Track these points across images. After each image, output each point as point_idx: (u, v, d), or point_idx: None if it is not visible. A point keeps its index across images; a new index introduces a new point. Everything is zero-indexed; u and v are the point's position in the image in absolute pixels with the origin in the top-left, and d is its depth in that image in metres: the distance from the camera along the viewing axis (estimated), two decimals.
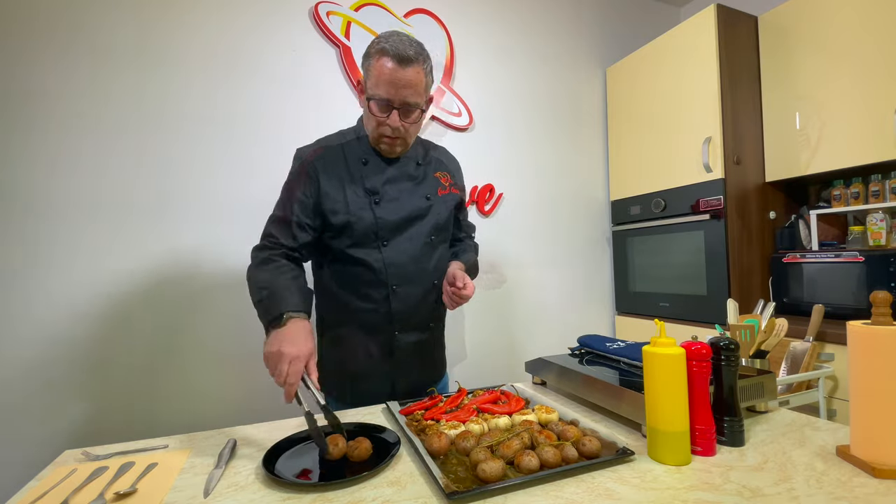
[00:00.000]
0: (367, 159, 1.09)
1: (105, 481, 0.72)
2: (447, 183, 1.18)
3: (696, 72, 1.98)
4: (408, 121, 1.03)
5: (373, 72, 0.99)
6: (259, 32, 1.77)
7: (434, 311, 1.16)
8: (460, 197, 1.21)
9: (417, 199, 1.11)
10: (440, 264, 1.15)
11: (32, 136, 1.48)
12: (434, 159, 1.20)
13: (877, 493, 0.60)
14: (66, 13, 1.52)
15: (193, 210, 1.67)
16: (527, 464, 0.68)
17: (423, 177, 1.14)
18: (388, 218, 1.07)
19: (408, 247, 1.09)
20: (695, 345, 0.74)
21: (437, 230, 1.14)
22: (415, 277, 1.10)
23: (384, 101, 0.99)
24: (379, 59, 0.98)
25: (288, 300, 0.91)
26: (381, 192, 1.08)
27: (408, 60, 0.97)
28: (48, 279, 1.49)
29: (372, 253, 1.07)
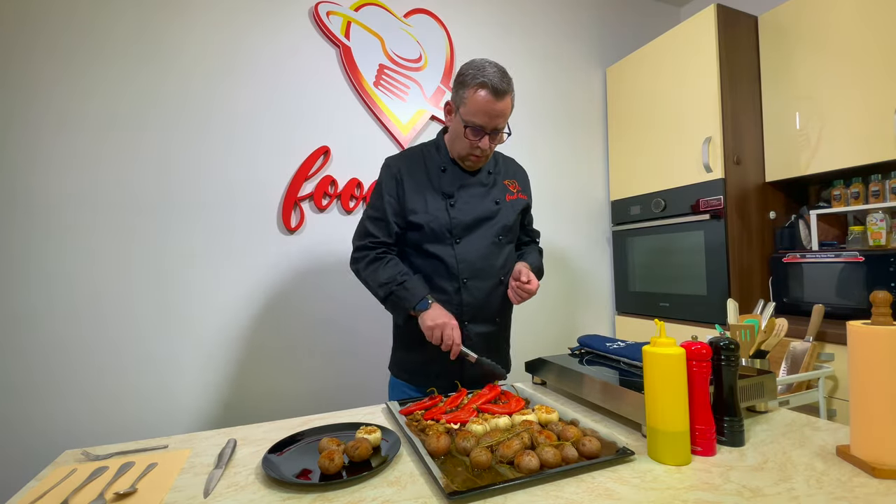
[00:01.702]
0: (445, 167, 1.22)
1: (105, 481, 0.72)
2: (515, 189, 1.29)
3: (696, 72, 1.98)
4: (494, 142, 1.15)
5: (469, 101, 1.10)
6: (259, 32, 1.77)
7: (501, 306, 1.25)
8: (527, 202, 1.32)
9: (488, 203, 1.22)
10: (507, 262, 1.25)
11: (32, 135, 1.48)
12: (503, 168, 1.31)
13: (877, 493, 0.60)
14: (66, 13, 1.52)
15: (194, 208, 1.67)
16: (527, 464, 0.68)
17: (494, 183, 1.26)
18: (461, 218, 1.19)
19: (478, 245, 1.20)
20: (695, 345, 0.74)
21: (504, 231, 1.23)
22: (483, 273, 1.20)
23: (479, 127, 1.11)
24: (477, 90, 1.08)
25: (417, 289, 1.12)
26: (455, 195, 1.20)
27: (503, 93, 1.08)
28: (47, 278, 1.49)
29: (446, 249, 1.18)
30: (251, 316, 1.74)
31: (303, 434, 0.87)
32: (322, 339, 1.83)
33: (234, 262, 1.71)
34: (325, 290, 1.84)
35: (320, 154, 1.84)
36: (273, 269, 1.78)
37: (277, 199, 1.79)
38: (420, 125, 2.03)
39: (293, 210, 1.79)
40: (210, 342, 1.68)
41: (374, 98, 1.94)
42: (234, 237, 1.72)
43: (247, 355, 1.72)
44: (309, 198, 1.82)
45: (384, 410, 1.03)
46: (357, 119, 1.93)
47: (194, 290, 1.66)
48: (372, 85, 1.94)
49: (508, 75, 1.12)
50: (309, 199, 1.82)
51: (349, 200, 1.88)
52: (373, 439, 0.79)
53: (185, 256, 1.65)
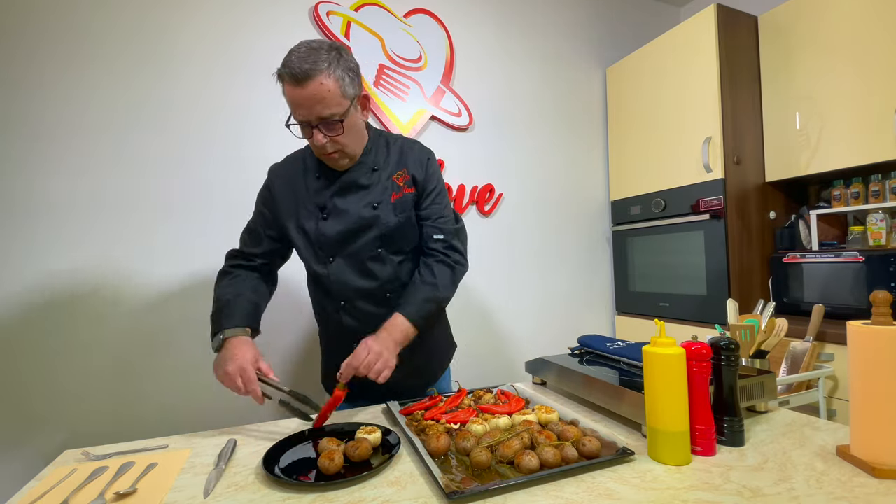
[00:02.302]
0: (320, 173, 1.07)
1: (105, 481, 0.72)
2: (402, 183, 1.08)
3: (696, 72, 1.98)
4: (332, 134, 0.96)
5: (285, 97, 0.95)
6: (259, 32, 1.77)
7: None
8: (414, 196, 1.09)
9: (362, 210, 1.04)
10: (395, 277, 1.08)
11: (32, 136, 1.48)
12: (394, 160, 1.09)
13: (877, 493, 0.60)
14: (66, 13, 1.52)
15: (195, 209, 1.67)
16: (527, 464, 0.68)
17: (376, 182, 1.06)
18: (328, 233, 1.04)
19: (353, 261, 1.06)
20: (695, 345, 0.74)
21: (384, 240, 1.05)
22: (363, 292, 1.06)
23: (303, 122, 0.95)
24: (283, 84, 0.94)
25: (225, 321, 0.98)
26: (328, 206, 1.05)
27: (305, 77, 0.90)
28: (47, 278, 1.48)
29: (322, 268, 1.08)
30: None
31: (303, 434, 0.87)
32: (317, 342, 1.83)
33: None
34: None
35: None
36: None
37: None
38: (420, 125, 2.03)
39: None
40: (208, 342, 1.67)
41: (373, 98, 1.94)
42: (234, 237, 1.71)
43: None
44: None
45: (384, 410, 1.03)
46: None
47: (194, 289, 1.66)
48: (372, 85, 1.94)
49: (320, 49, 0.92)
50: None
51: None
52: (373, 439, 0.79)
53: (185, 256, 1.65)
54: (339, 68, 0.93)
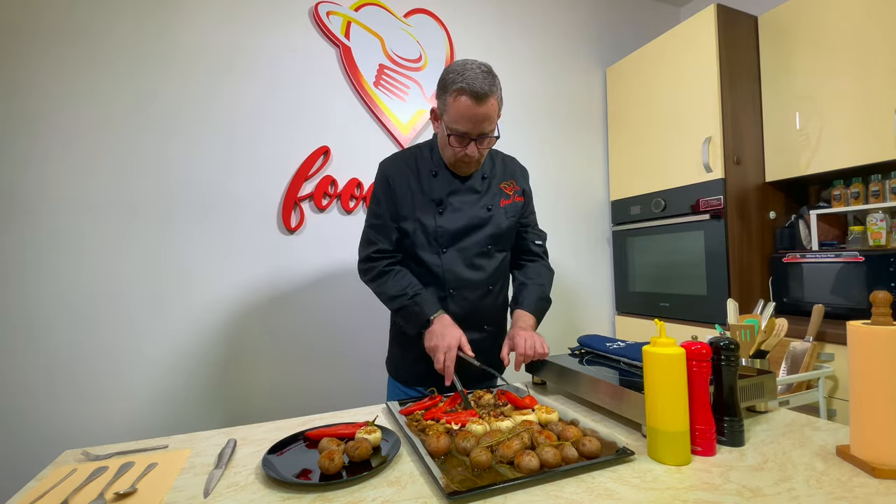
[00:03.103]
0: (436, 172, 1.18)
1: (105, 481, 0.72)
2: (511, 192, 1.24)
3: (696, 72, 1.98)
4: (483, 147, 1.09)
5: (451, 108, 1.04)
6: (259, 32, 1.77)
7: (489, 315, 1.21)
8: (524, 204, 1.27)
9: (478, 210, 1.18)
10: (497, 272, 1.22)
11: (31, 135, 1.48)
12: (500, 170, 1.25)
13: (877, 493, 0.60)
14: (66, 13, 1.52)
15: (193, 209, 1.67)
16: (527, 464, 0.68)
17: (488, 189, 1.21)
18: (447, 226, 1.15)
19: (465, 255, 1.17)
20: (695, 345, 0.74)
21: (495, 240, 1.19)
22: (470, 283, 1.17)
23: (463, 134, 1.06)
24: (457, 96, 1.02)
25: (427, 306, 1.10)
26: (445, 202, 1.16)
27: (484, 96, 1.01)
28: (47, 278, 1.49)
29: (433, 257, 1.16)
30: (251, 316, 1.74)
31: (303, 434, 0.87)
32: (322, 338, 1.83)
33: (234, 262, 1.71)
34: (325, 290, 1.84)
35: (320, 154, 1.84)
36: (273, 269, 1.78)
37: (277, 199, 1.79)
38: (420, 125, 2.03)
39: (293, 210, 1.79)
40: (210, 342, 1.68)
41: (374, 98, 1.94)
42: (234, 237, 1.72)
43: (247, 355, 1.72)
44: (309, 198, 1.82)
45: (384, 410, 1.03)
46: (357, 119, 1.93)
47: (194, 290, 1.66)
48: (372, 85, 1.94)
49: (493, 74, 1.05)
50: (309, 199, 1.83)
51: (349, 200, 1.88)
52: (373, 439, 0.79)
53: (185, 257, 1.65)
54: (500, 91, 1.07)
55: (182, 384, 1.63)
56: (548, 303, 1.25)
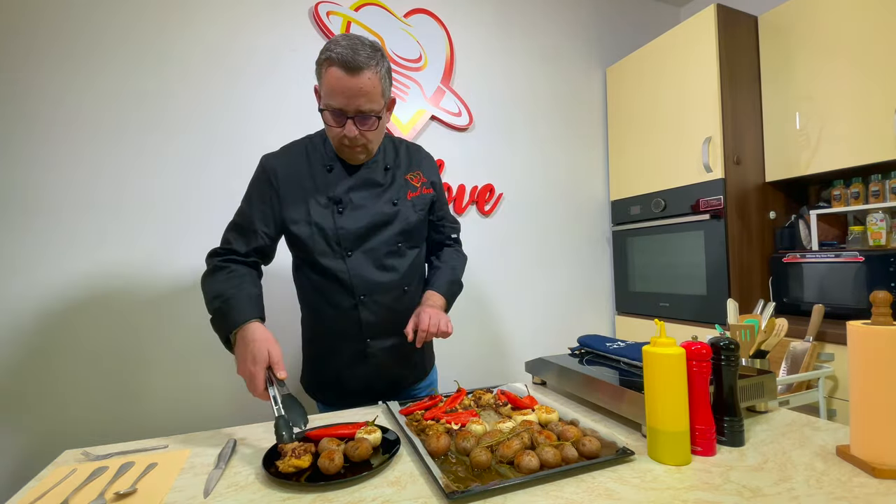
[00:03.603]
0: (331, 166, 1.06)
1: (105, 481, 0.72)
2: (419, 183, 1.14)
3: (696, 72, 1.98)
4: (364, 128, 0.98)
5: (324, 81, 0.95)
6: (258, 32, 1.77)
7: (407, 316, 1.10)
8: (433, 196, 1.17)
9: (383, 205, 1.07)
10: (412, 270, 1.13)
11: (31, 134, 1.48)
12: (405, 159, 1.15)
13: (877, 493, 0.60)
14: (66, 12, 1.52)
15: (193, 209, 1.66)
16: (527, 464, 0.68)
17: (392, 181, 1.11)
18: (349, 227, 1.04)
19: (373, 256, 1.07)
20: (695, 345, 0.74)
21: (405, 235, 1.10)
22: (382, 286, 1.08)
23: (337, 111, 0.96)
24: (328, 68, 0.93)
25: (234, 315, 0.92)
26: (344, 200, 1.05)
27: (358, 68, 0.91)
28: (47, 277, 1.48)
29: (337, 263, 1.06)
30: None
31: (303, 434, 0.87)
32: None
33: None
34: None
35: None
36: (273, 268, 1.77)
37: None
38: (420, 125, 2.03)
39: None
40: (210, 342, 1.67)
41: None
42: None
43: None
44: None
45: (384, 410, 1.03)
46: None
47: (194, 290, 1.66)
48: None
49: (376, 50, 0.95)
50: None
51: None
52: (373, 439, 0.79)
53: (185, 256, 1.65)
54: (383, 69, 0.97)
55: (182, 384, 1.63)
56: (459, 286, 1.20)
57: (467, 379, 2.06)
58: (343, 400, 1.13)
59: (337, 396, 1.15)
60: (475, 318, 2.16)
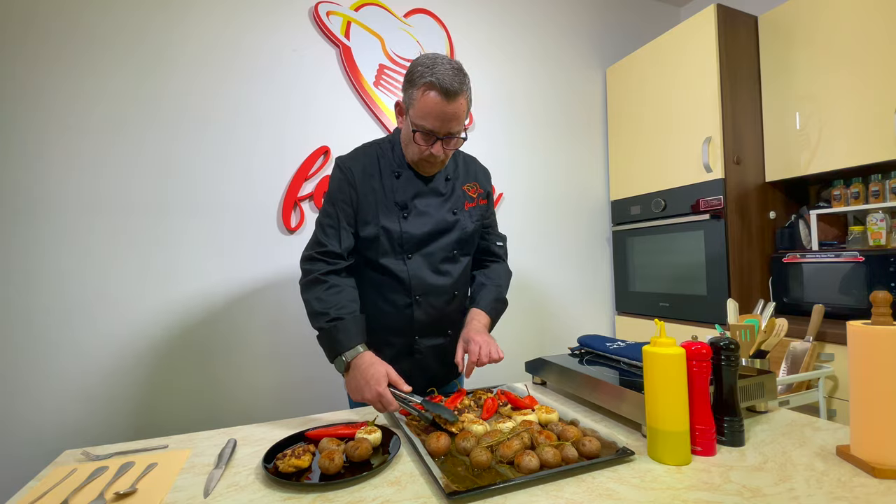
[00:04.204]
0: (399, 172, 1.11)
1: (105, 481, 0.72)
2: (475, 194, 1.20)
3: (696, 72, 1.98)
4: (449, 147, 1.04)
5: (418, 103, 0.98)
6: (259, 32, 1.77)
7: (453, 319, 1.18)
8: (487, 207, 1.24)
9: (444, 214, 1.13)
10: (461, 276, 1.19)
11: (31, 134, 1.48)
12: (463, 171, 1.21)
13: (877, 493, 0.60)
14: (66, 12, 1.52)
15: (194, 209, 1.66)
16: (527, 464, 0.68)
17: (452, 191, 1.16)
18: (413, 232, 1.10)
19: (431, 260, 1.13)
20: (695, 345, 0.74)
21: (461, 244, 1.16)
22: (437, 289, 1.14)
23: (429, 132, 1.00)
24: (425, 91, 0.96)
25: (345, 336, 0.97)
26: (410, 206, 1.10)
27: (455, 94, 0.96)
28: (47, 278, 1.48)
29: (398, 264, 1.11)
30: (252, 315, 1.74)
31: (303, 434, 0.87)
32: None
33: (233, 262, 1.71)
34: None
35: (320, 154, 1.84)
36: (273, 269, 1.77)
37: (277, 199, 1.79)
38: None
39: (293, 210, 1.79)
40: (210, 342, 1.68)
41: (374, 98, 1.94)
42: (234, 237, 1.72)
43: (247, 355, 1.72)
44: (309, 198, 1.82)
45: None
46: (357, 119, 1.93)
47: (194, 289, 1.66)
48: (372, 85, 1.94)
49: (464, 73, 1.00)
50: (309, 199, 1.82)
51: None
52: (373, 439, 0.80)
53: (185, 257, 1.65)
54: (470, 91, 1.02)
55: (182, 384, 1.63)
56: (504, 304, 1.23)
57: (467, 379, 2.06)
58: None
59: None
60: None
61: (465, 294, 1.22)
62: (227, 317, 1.70)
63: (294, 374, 1.79)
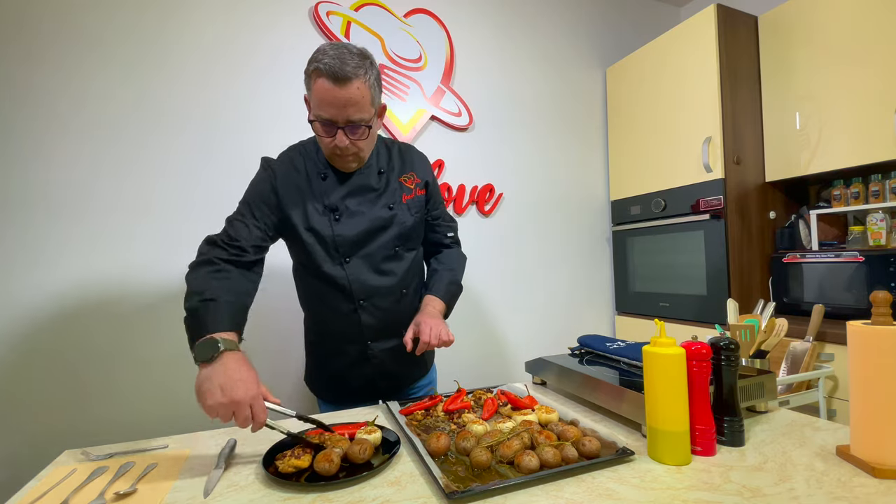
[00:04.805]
0: (325, 174, 1.07)
1: (105, 481, 0.72)
2: (412, 185, 1.14)
3: (696, 72, 1.98)
4: (355, 137, 0.98)
5: (313, 92, 0.95)
6: (259, 32, 1.77)
7: (407, 319, 1.10)
8: (426, 196, 1.17)
9: (379, 211, 1.08)
10: (409, 273, 1.15)
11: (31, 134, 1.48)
12: (398, 162, 1.15)
13: (877, 493, 0.60)
14: (66, 12, 1.52)
15: (193, 209, 1.66)
16: (527, 464, 0.68)
17: (386, 185, 1.11)
18: (346, 234, 1.05)
19: (371, 261, 1.08)
20: (695, 345, 0.74)
21: (402, 239, 1.11)
22: (381, 290, 1.10)
23: (327, 121, 0.96)
24: (316, 79, 0.93)
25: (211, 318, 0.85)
26: (340, 207, 1.06)
27: (346, 78, 0.91)
28: (47, 278, 1.48)
29: (336, 269, 1.07)
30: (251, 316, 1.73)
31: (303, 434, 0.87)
32: None
33: None
34: None
35: None
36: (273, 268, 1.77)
37: None
38: (420, 125, 2.03)
39: None
40: None
41: None
42: None
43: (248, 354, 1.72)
44: None
45: (384, 410, 1.03)
46: None
47: None
48: None
49: (365, 57, 0.95)
50: None
51: None
52: (373, 439, 0.79)
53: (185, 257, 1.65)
54: (372, 76, 0.96)
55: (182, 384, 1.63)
56: (458, 287, 1.19)
57: (467, 379, 2.06)
58: (346, 398, 1.16)
59: (339, 395, 1.18)
60: (475, 319, 2.16)
61: (415, 291, 1.18)
62: None
63: (292, 373, 1.79)
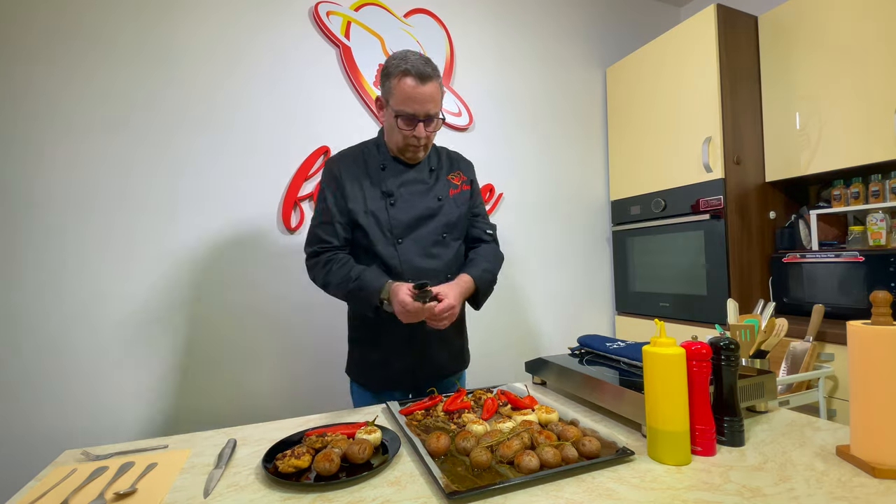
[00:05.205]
0: (385, 165, 1.21)
1: (105, 481, 0.72)
2: (459, 182, 1.27)
3: (696, 72, 1.98)
4: (430, 129, 1.14)
5: (396, 91, 1.09)
6: (259, 32, 1.77)
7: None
8: (471, 191, 1.30)
9: (429, 200, 1.21)
10: (454, 260, 1.24)
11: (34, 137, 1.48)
12: (447, 163, 1.30)
13: (877, 493, 0.60)
14: (66, 12, 1.52)
15: (193, 209, 1.66)
16: (527, 464, 0.68)
17: (436, 180, 1.25)
18: (400, 217, 1.17)
19: (421, 244, 1.19)
20: (695, 345, 0.74)
21: (449, 227, 1.22)
22: (428, 273, 1.17)
23: (410, 115, 1.10)
24: (402, 78, 1.08)
25: (372, 284, 1.08)
26: (396, 194, 1.19)
27: (427, 77, 1.08)
28: (48, 278, 1.48)
29: (388, 249, 1.17)
30: (251, 315, 1.74)
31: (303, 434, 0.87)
32: (324, 338, 1.83)
33: (234, 261, 1.71)
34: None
35: (320, 154, 1.84)
36: (273, 268, 1.77)
37: (277, 198, 1.79)
38: None
39: (293, 210, 1.79)
40: (210, 342, 1.67)
41: (374, 98, 1.94)
42: (235, 237, 1.72)
43: (247, 356, 1.72)
44: (309, 198, 1.82)
45: (384, 410, 1.03)
46: (357, 119, 1.93)
47: (195, 289, 1.66)
48: (372, 85, 1.94)
49: (433, 62, 1.12)
50: (309, 199, 1.82)
51: None
52: (373, 439, 0.79)
53: (185, 256, 1.65)
54: (440, 80, 1.14)
55: (182, 384, 1.63)
56: (492, 276, 1.25)
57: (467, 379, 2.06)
58: (386, 386, 1.21)
59: (381, 383, 1.22)
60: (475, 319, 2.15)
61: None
62: (226, 316, 1.70)
63: (293, 373, 1.79)
